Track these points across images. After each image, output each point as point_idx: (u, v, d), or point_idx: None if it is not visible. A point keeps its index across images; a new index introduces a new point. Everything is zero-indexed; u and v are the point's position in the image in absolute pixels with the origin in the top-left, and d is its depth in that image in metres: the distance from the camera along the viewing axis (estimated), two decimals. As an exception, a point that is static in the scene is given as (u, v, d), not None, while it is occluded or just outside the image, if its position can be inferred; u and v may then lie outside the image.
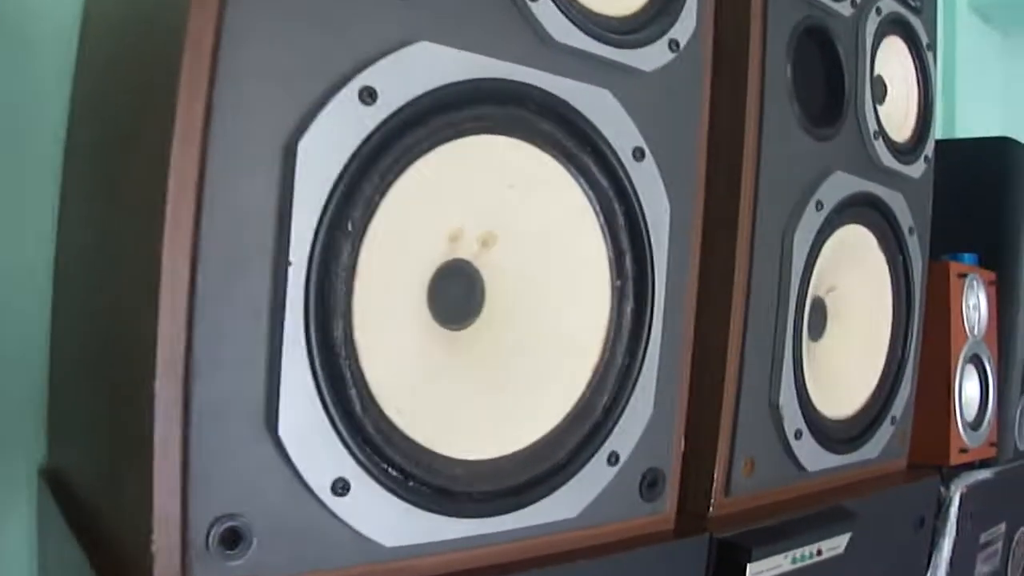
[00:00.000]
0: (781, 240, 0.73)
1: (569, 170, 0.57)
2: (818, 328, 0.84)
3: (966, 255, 1.08)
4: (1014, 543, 1.21)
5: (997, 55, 2.29)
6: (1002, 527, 1.15)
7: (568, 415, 0.58)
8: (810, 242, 0.74)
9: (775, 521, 0.71)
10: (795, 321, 0.74)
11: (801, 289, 0.74)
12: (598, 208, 0.58)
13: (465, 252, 0.55)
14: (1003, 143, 1.17)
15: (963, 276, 1.05)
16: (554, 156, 0.56)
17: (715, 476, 0.70)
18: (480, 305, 0.56)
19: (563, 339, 0.58)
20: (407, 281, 0.53)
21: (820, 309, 0.84)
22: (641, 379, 0.60)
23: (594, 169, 0.57)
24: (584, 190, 0.58)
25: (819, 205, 0.74)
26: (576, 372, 0.59)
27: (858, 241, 0.83)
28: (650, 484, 0.63)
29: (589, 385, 0.59)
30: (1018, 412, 1.20)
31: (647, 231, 0.59)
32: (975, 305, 1.07)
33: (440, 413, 0.53)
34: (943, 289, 1.04)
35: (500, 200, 0.55)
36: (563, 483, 0.56)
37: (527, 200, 0.56)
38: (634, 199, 0.59)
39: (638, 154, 0.59)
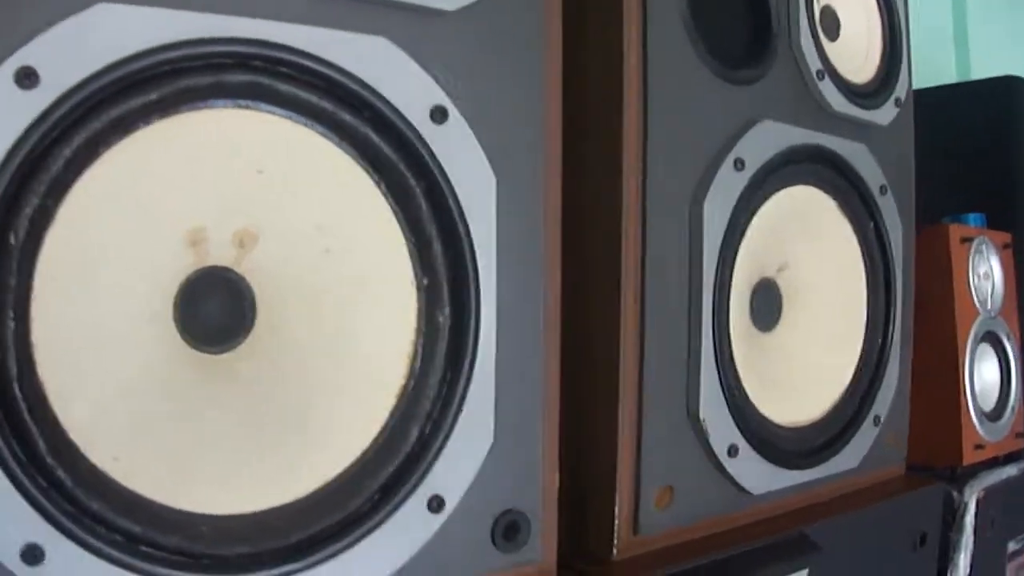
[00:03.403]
0: (688, 211, 0.58)
1: (339, 143, 0.44)
2: (768, 316, 0.69)
3: (971, 216, 0.91)
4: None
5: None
6: (1040, 531, 0.98)
7: (366, 452, 0.45)
8: (730, 211, 0.59)
9: (704, 560, 0.57)
10: (718, 310, 0.59)
11: (722, 270, 0.59)
12: (385, 187, 0.45)
13: (220, 257, 0.43)
14: (1009, 83, 0.98)
15: (968, 240, 0.88)
16: (315, 127, 0.43)
17: (616, 512, 0.56)
18: (250, 321, 0.44)
19: (357, 357, 0.45)
20: (129, 300, 0.40)
21: (770, 293, 0.69)
22: (469, 401, 0.47)
23: (375, 139, 0.44)
24: (363, 166, 0.44)
25: (739, 164, 0.60)
26: (375, 398, 0.45)
27: (810, 206, 0.68)
28: (507, 530, 0.49)
29: (394, 413, 0.45)
30: (1053, 395, 1.02)
31: (461, 212, 0.46)
32: (986, 274, 0.90)
33: (178, 458, 0.41)
34: (943, 257, 0.87)
35: (248, 189, 0.42)
36: (364, 536, 0.44)
37: (287, 187, 0.43)
38: (436, 172, 0.45)
39: (437, 115, 0.45)
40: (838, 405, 0.71)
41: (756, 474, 0.62)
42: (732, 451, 0.60)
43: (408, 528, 0.45)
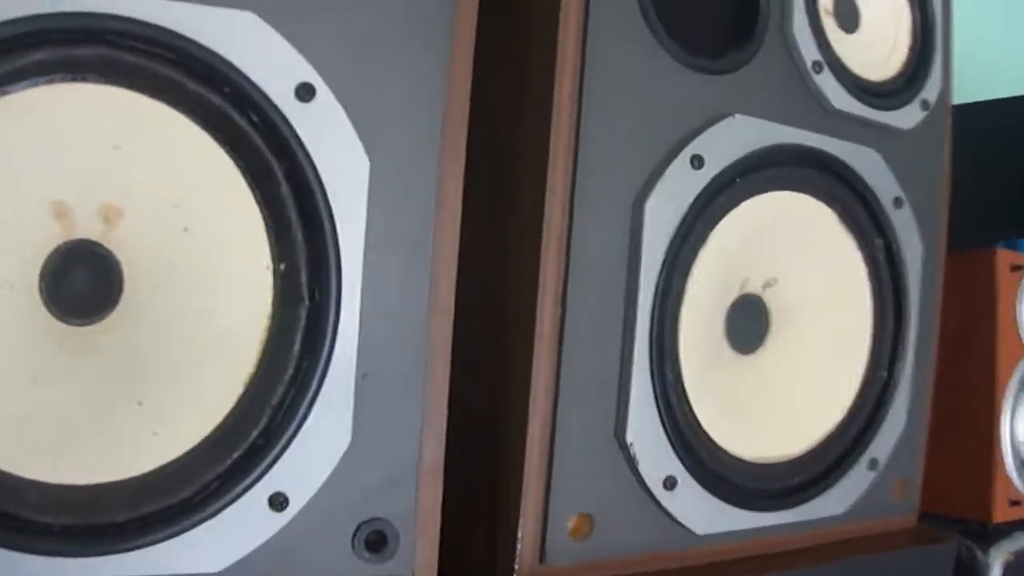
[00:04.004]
0: (631, 212, 0.52)
1: (196, 120, 0.41)
2: (749, 337, 0.62)
3: (1026, 241, 0.80)
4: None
5: None
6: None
7: (208, 438, 0.42)
8: (681, 213, 0.53)
9: (621, 603, 0.51)
10: (659, 324, 0.53)
11: (668, 279, 0.53)
12: (244, 167, 0.42)
13: (87, 230, 0.41)
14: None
15: (1019, 269, 0.77)
16: (172, 104, 0.40)
17: (518, 535, 0.50)
18: (116, 295, 0.42)
19: (210, 341, 0.42)
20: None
21: (753, 311, 0.62)
22: (323, 397, 0.43)
23: (234, 116, 0.41)
24: (222, 145, 0.41)
25: (696, 161, 0.53)
26: (224, 384, 0.42)
27: (803, 216, 0.61)
28: (371, 540, 0.45)
29: (241, 401, 0.42)
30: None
31: (324, 196, 0.42)
32: (1042, 308, 0.79)
33: (24, 424, 0.39)
34: (987, 287, 0.77)
35: (107, 165, 0.40)
36: (196, 525, 0.40)
37: (144, 164, 0.41)
38: (299, 152, 0.41)
39: (303, 92, 0.42)
40: (824, 443, 0.63)
41: (701, 512, 0.55)
42: (669, 483, 0.54)
43: (246, 523, 0.42)
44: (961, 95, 0.79)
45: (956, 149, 0.72)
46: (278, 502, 0.42)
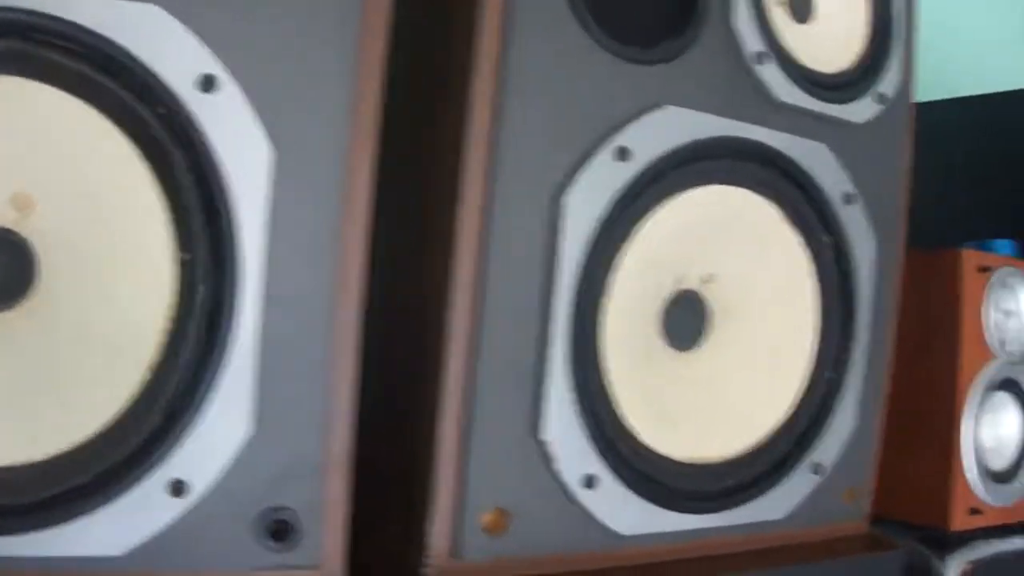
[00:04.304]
0: (551, 205, 0.51)
1: (100, 111, 0.41)
2: (688, 334, 0.60)
3: (998, 242, 0.78)
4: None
5: None
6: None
7: (111, 423, 0.42)
8: (605, 206, 0.51)
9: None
10: (580, 319, 0.51)
11: (590, 273, 0.52)
12: (147, 157, 0.42)
13: (1, 218, 0.41)
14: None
15: (987, 270, 0.75)
16: (75, 95, 0.40)
17: (431, 529, 0.50)
18: (31, 282, 0.42)
19: (115, 328, 0.42)
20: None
21: (691, 308, 0.60)
22: (223, 386, 0.43)
23: (135, 107, 0.41)
24: (125, 135, 0.41)
25: (622, 153, 0.51)
26: (127, 371, 0.42)
27: (743, 212, 0.59)
28: (274, 528, 0.45)
29: (143, 388, 0.42)
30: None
31: (225, 186, 0.41)
32: (1011, 311, 0.77)
33: None
34: (951, 288, 0.75)
35: (13, 153, 0.40)
36: (97, 508, 0.41)
37: (50, 154, 0.41)
38: (200, 142, 0.41)
39: (205, 83, 0.42)
40: (764, 445, 0.61)
41: (625, 512, 0.54)
42: (589, 482, 0.52)
43: (146, 508, 0.42)
44: (935, 92, 0.77)
45: (926, 148, 0.70)
46: (177, 488, 0.42)
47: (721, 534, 0.59)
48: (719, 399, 0.60)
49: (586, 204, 0.51)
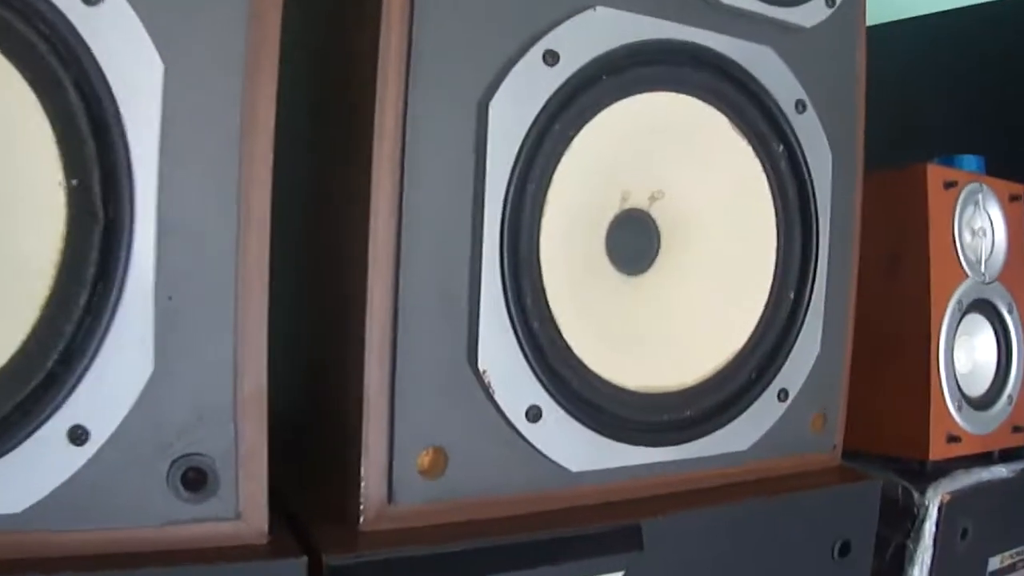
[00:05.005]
0: (476, 113, 0.46)
1: None
2: (637, 256, 0.56)
3: (964, 158, 0.74)
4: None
5: None
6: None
7: (5, 367, 0.38)
8: (533, 115, 0.47)
9: (474, 543, 0.46)
10: (512, 239, 0.47)
11: (521, 189, 0.47)
12: (31, 78, 0.38)
13: None
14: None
15: (952, 186, 0.71)
16: None
17: (362, 473, 0.46)
18: None
19: (5, 265, 0.38)
20: None
21: (639, 228, 0.56)
22: (119, 322, 0.39)
23: (17, 25, 0.37)
24: (6, 56, 0.37)
25: (550, 57, 0.47)
26: (20, 310, 0.38)
27: (691, 121, 0.55)
28: (188, 477, 0.42)
29: (36, 327, 0.38)
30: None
31: (114, 103, 0.38)
32: (982, 230, 0.74)
33: None
34: (917, 206, 0.71)
35: None
36: None
37: None
38: (86, 59, 0.38)
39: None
40: (724, 371, 0.58)
41: (574, 446, 0.50)
42: (532, 415, 0.49)
43: (46, 459, 0.38)
44: (901, 10, 0.73)
45: (893, 64, 0.66)
46: (77, 435, 0.38)
47: (680, 468, 0.56)
48: (674, 324, 0.57)
49: (514, 111, 0.47)
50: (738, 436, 0.58)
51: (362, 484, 0.46)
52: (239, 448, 0.43)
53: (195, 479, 0.42)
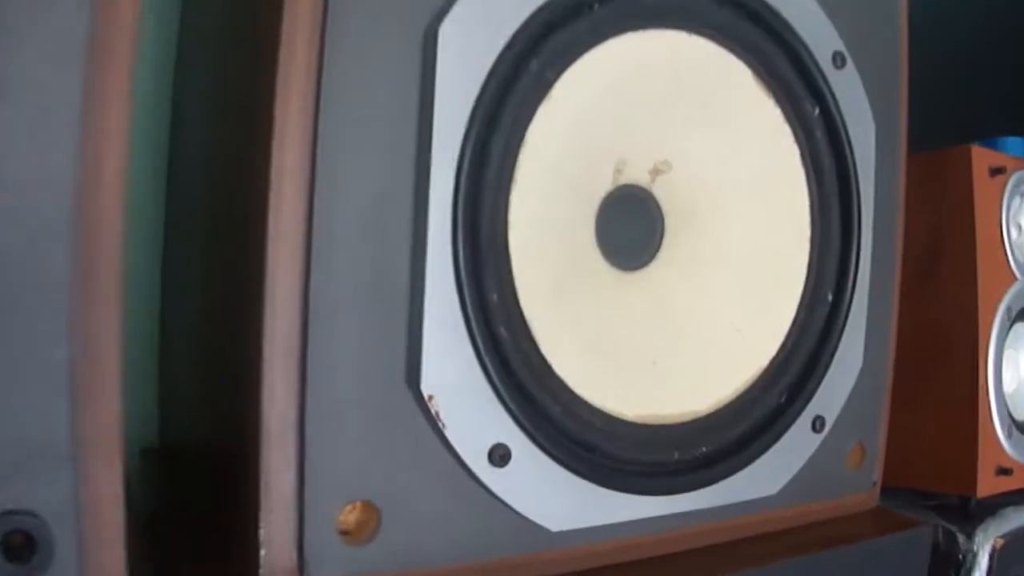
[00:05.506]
0: (422, 42, 0.33)
1: None
2: (638, 244, 0.44)
3: (1010, 140, 0.63)
4: None
5: None
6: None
7: None
8: (498, 47, 0.34)
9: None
10: (474, 217, 0.34)
11: (482, 147, 0.35)
12: None
13: None
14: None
15: (1000, 173, 0.60)
16: None
17: (261, 536, 0.32)
18: None
19: None
20: None
21: (639, 210, 0.44)
22: None
23: None
24: None
25: (522, -32, 0.35)
26: None
27: (706, 71, 0.43)
28: (12, 546, 0.30)
29: None
30: None
31: None
32: (1030, 223, 0.62)
33: None
34: (961, 195, 0.59)
35: None
36: None
37: None
38: None
39: None
40: (746, 395, 0.45)
41: (553, 498, 0.37)
42: (498, 456, 0.36)
43: None
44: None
45: (934, 43, 0.54)
46: None
47: (691, 522, 0.43)
48: (682, 335, 0.44)
49: (471, 40, 0.34)
50: (765, 478, 0.45)
51: (262, 551, 0.33)
52: (82, 501, 0.30)
53: (20, 546, 0.29)
